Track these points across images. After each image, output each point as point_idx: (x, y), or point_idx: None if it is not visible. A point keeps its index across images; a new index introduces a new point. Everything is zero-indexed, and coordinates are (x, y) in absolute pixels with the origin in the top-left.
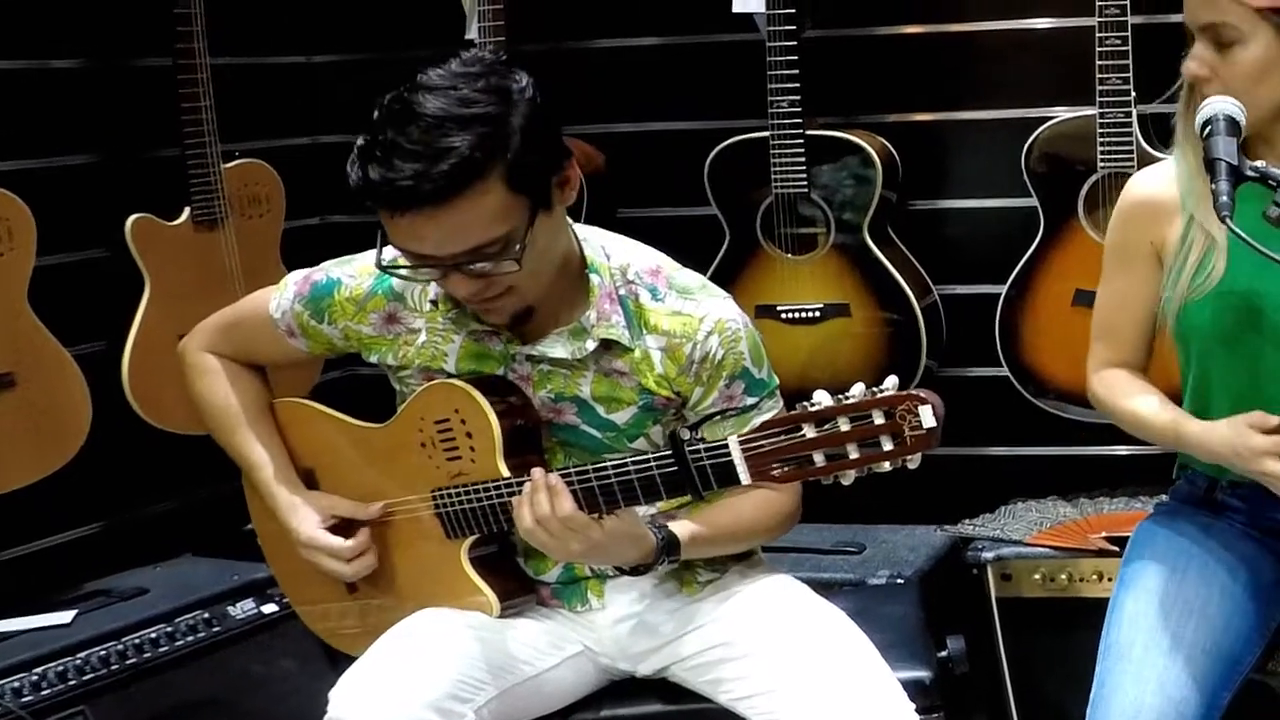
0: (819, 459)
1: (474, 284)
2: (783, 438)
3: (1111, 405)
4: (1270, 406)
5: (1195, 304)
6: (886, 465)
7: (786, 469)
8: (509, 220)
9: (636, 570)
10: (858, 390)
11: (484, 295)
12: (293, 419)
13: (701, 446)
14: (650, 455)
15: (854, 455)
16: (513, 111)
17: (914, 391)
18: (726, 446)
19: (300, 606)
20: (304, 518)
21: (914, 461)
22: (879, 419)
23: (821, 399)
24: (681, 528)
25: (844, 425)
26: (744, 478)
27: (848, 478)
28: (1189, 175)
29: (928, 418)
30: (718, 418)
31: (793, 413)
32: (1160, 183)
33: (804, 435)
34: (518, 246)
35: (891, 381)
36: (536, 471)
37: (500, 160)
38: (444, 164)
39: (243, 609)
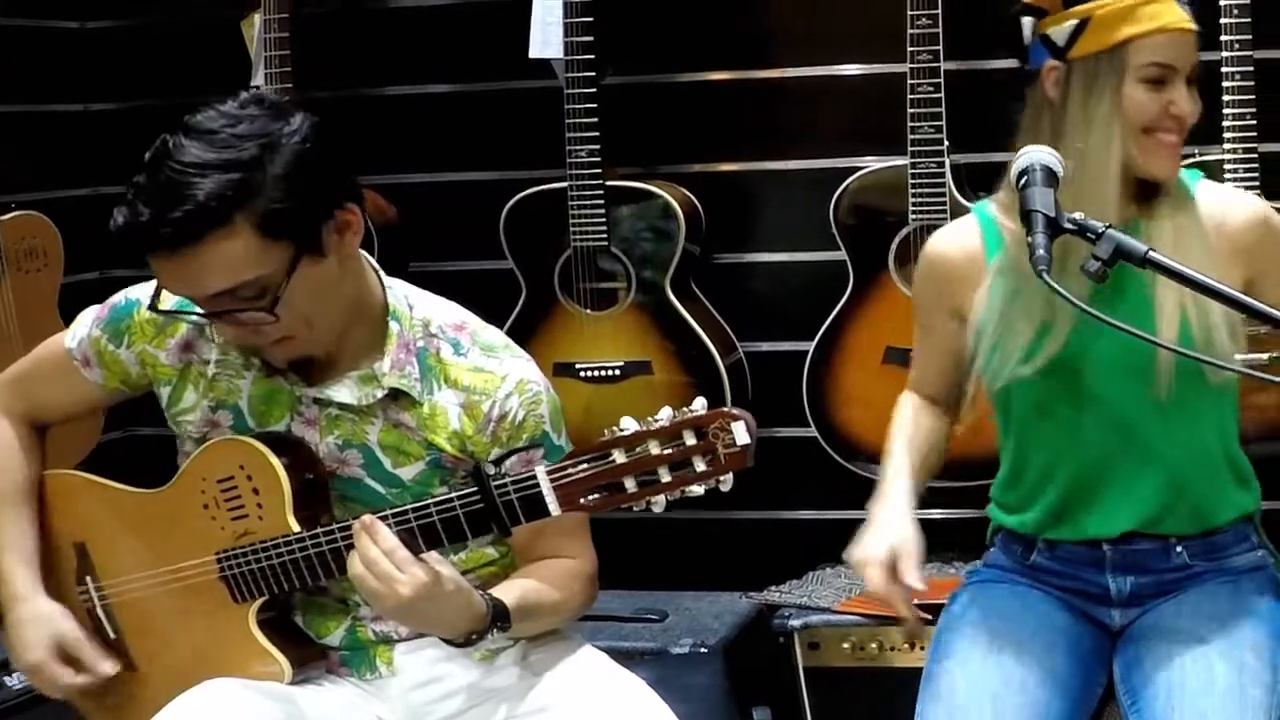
0: (630, 485)
1: (236, 329)
2: (592, 465)
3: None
4: (1085, 468)
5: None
6: (699, 488)
7: (597, 497)
8: (259, 267)
9: (469, 640)
10: (665, 414)
11: (254, 341)
12: (61, 491)
13: (508, 479)
14: (453, 494)
15: (666, 479)
16: (272, 157)
17: (725, 409)
18: (534, 477)
19: None
20: (31, 643)
21: (726, 483)
22: (691, 439)
23: (629, 424)
24: (505, 594)
25: (655, 449)
26: (553, 508)
27: (659, 504)
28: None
29: (741, 434)
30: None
31: (602, 439)
32: (958, 242)
33: (614, 461)
34: (273, 295)
35: (700, 402)
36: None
37: (248, 206)
38: (178, 210)
39: (19, 679)
